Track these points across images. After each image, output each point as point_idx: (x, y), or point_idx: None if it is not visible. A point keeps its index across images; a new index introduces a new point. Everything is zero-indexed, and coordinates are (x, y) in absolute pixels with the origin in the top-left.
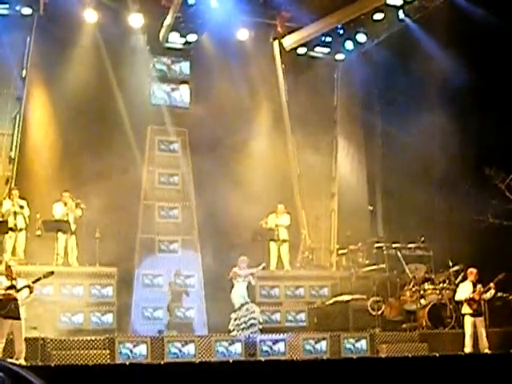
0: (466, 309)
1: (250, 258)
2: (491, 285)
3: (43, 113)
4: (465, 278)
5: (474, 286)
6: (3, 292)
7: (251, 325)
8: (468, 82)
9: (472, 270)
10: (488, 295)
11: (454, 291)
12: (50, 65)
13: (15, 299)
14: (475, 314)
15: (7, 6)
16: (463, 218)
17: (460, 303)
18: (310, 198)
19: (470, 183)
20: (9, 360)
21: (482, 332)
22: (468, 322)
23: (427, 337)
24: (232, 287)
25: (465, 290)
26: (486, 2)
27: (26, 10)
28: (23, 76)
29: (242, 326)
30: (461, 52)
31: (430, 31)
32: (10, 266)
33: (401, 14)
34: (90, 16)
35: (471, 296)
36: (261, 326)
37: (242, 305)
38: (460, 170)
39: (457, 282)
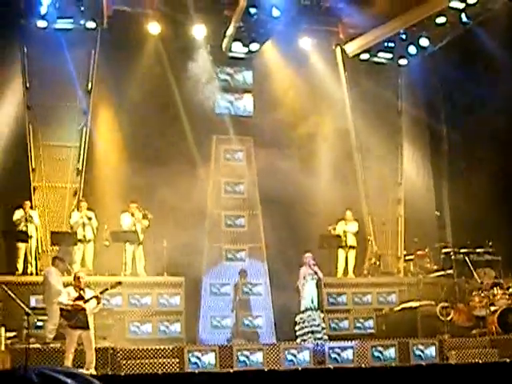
0: None
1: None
2: None
3: (108, 125)
4: None
5: None
6: (71, 303)
7: (313, 332)
8: None
9: None
10: None
11: None
12: (113, 78)
13: (83, 309)
14: None
15: (71, 20)
16: None
17: None
18: (376, 205)
19: None
20: (80, 370)
21: None
22: None
23: (497, 342)
24: (301, 290)
25: None
26: None
27: (90, 24)
28: (88, 89)
29: (303, 331)
30: None
31: (493, 33)
32: (78, 277)
33: (463, 17)
34: (153, 28)
35: None
36: (325, 333)
37: (307, 309)
38: None
39: None
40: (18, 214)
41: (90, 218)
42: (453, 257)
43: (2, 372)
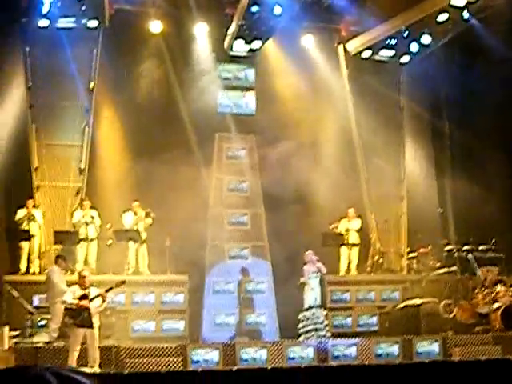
0: None
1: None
2: None
3: (111, 124)
4: None
5: None
6: (76, 301)
7: (316, 329)
8: None
9: None
10: None
11: None
12: (116, 76)
13: (88, 308)
14: None
15: (73, 19)
16: None
17: None
18: (378, 202)
19: None
20: (83, 368)
21: None
22: None
23: (501, 339)
24: (304, 288)
25: None
26: None
27: (92, 23)
28: (91, 88)
29: (306, 329)
30: None
31: (495, 30)
32: (83, 276)
33: (465, 14)
34: (155, 27)
35: None
36: (328, 330)
37: (311, 307)
38: None
39: None
40: (20, 213)
41: (92, 217)
42: (456, 254)
43: (13, 370)
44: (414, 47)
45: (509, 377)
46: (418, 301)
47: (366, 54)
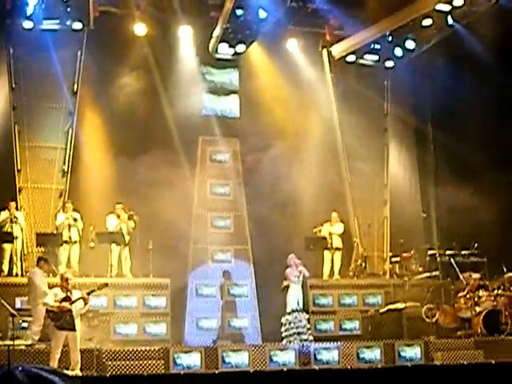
0: None
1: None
2: None
3: (94, 126)
4: None
5: None
6: (57, 304)
7: (299, 333)
8: None
9: None
10: None
11: (510, 297)
12: (100, 79)
13: (70, 311)
14: None
15: (58, 21)
16: None
17: None
18: (362, 206)
19: None
20: (65, 371)
21: None
22: None
23: (483, 344)
24: (286, 292)
25: None
26: None
27: (77, 25)
28: (74, 90)
29: (289, 333)
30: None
31: (479, 35)
32: (66, 279)
33: (449, 20)
34: (140, 29)
35: None
36: (310, 334)
37: (293, 311)
38: None
39: None
40: (3, 215)
41: (75, 220)
42: (438, 259)
43: None
44: (398, 52)
45: (490, 381)
46: (400, 305)
47: (351, 58)
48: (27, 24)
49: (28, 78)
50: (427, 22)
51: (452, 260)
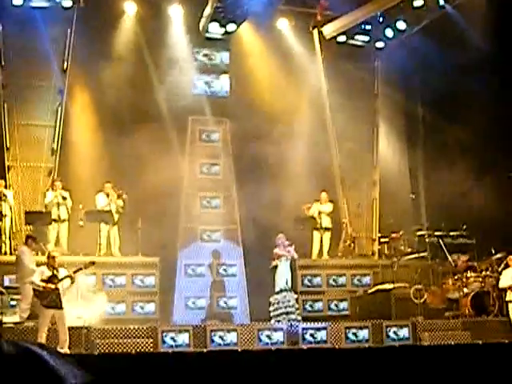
0: (510, 296)
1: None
2: None
3: (84, 104)
4: (507, 266)
5: None
6: (43, 284)
7: (287, 313)
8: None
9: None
10: None
11: (497, 279)
12: (89, 57)
13: (57, 289)
14: None
15: None
16: (506, 205)
17: (504, 290)
18: (351, 187)
19: None
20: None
21: None
22: None
23: (470, 325)
24: (275, 271)
25: (508, 277)
26: None
27: (67, 3)
28: (64, 69)
29: (277, 312)
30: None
31: (469, 17)
32: (53, 257)
33: (441, 1)
34: (130, 8)
35: None
36: (298, 313)
37: (282, 290)
38: (503, 157)
39: (500, 269)
40: None
41: (64, 198)
42: (427, 239)
43: None
44: (389, 33)
45: (477, 362)
46: (388, 286)
47: (341, 38)
48: (17, 1)
49: (18, 56)
50: (418, 2)
51: (441, 241)
